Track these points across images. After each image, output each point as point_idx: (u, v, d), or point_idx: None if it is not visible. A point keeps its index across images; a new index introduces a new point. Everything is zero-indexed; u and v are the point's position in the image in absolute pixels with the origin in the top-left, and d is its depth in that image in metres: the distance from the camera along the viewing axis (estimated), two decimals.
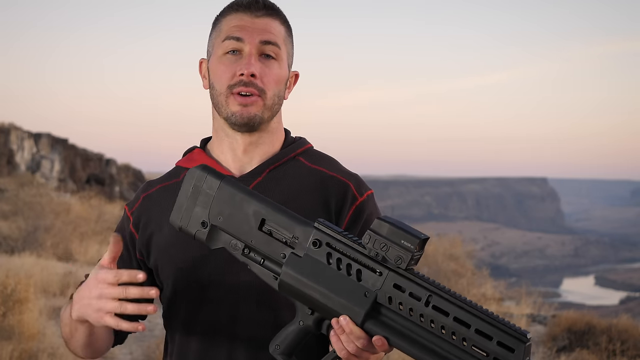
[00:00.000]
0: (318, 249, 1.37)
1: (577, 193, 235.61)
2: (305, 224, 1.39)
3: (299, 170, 1.65)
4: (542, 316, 10.50)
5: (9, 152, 26.21)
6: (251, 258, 1.43)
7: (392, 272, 1.33)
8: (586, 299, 61.84)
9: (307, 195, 1.61)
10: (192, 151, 1.72)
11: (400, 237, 1.31)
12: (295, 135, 1.75)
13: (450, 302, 1.29)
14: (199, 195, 1.45)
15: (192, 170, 1.46)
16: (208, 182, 1.44)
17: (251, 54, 1.59)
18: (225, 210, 1.43)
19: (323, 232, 1.38)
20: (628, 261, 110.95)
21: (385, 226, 1.32)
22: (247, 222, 1.41)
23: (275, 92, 1.62)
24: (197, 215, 1.45)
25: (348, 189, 1.64)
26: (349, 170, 1.70)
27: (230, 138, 1.65)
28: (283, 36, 1.64)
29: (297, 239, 1.39)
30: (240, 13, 1.62)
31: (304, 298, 1.37)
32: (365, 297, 1.33)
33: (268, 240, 1.41)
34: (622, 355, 8.29)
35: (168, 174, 1.72)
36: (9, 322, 7.00)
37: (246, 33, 1.60)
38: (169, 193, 1.66)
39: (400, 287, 1.32)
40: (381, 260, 1.33)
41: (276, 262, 1.41)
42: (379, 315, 1.33)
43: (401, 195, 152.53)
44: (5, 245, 13.86)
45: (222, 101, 1.61)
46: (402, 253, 1.30)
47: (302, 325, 1.40)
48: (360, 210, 1.63)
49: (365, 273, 1.34)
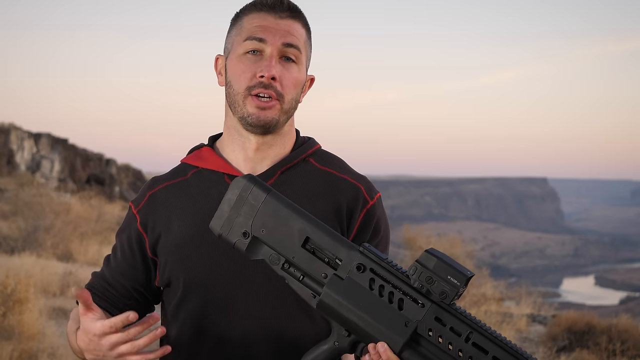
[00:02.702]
0: (362, 273, 1.37)
1: (577, 193, 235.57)
2: (350, 247, 1.39)
3: (310, 172, 1.65)
4: (542, 316, 10.51)
5: (9, 152, 26.21)
6: (290, 273, 1.43)
7: (434, 305, 1.34)
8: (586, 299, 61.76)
9: (320, 198, 1.61)
10: (200, 149, 1.70)
11: (447, 273, 1.32)
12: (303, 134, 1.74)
13: (490, 340, 1.31)
14: (243, 205, 1.44)
15: (239, 180, 1.45)
16: (254, 193, 1.44)
17: (272, 55, 1.57)
18: (269, 224, 1.42)
19: (368, 257, 1.38)
20: (628, 261, 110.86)
21: (433, 260, 1.33)
22: (291, 238, 1.41)
23: (293, 96, 1.61)
24: (239, 224, 1.44)
25: (359, 192, 1.64)
26: (357, 172, 1.70)
27: (243, 138, 1.63)
28: (304, 39, 1.62)
29: (340, 260, 1.39)
30: (264, 13, 1.60)
31: (343, 320, 1.38)
32: (405, 327, 1.34)
33: (310, 259, 1.41)
34: (622, 355, 8.28)
35: (174, 171, 1.70)
36: (9, 322, 7.00)
37: (269, 34, 1.57)
38: (175, 191, 1.65)
39: (442, 320, 1.33)
40: (425, 292, 1.34)
41: (316, 281, 1.41)
42: (417, 346, 1.34)
43: (401, 195, 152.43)
44: (5, 245, 13.85)
45: (239, 101, 1.59)
46: (447, 288, 1.32)
47: (337, 346, 1.41)
48: (371, 213, 1.64)
49: (407, 303, 1.35)
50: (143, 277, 1.67)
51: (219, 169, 1.64)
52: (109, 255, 1.73)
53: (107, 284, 1.69)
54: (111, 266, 1.70)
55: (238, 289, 1.57)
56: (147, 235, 1.65)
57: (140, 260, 1.66)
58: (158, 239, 1.63)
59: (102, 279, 1.70)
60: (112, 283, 1.68)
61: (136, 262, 1.66)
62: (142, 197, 1.68)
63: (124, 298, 1.67)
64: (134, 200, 1.69)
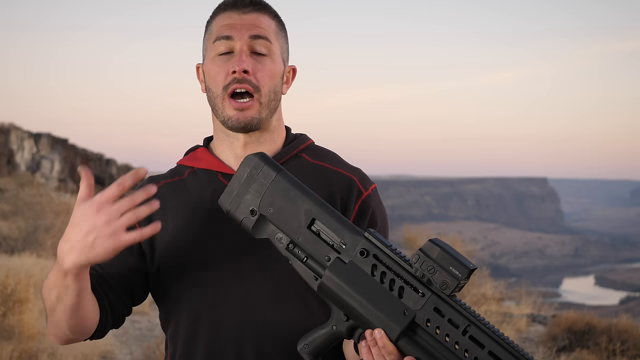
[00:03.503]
0: (364, 258, 1.38)
1: (577, 193, 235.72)
2: (355, 232, 1.40)
3: (303, 167, 1.65)
4: (542, 316, 10.51)
5: (9, 152, 26.23)
6: (294, 254, 1.43)
7: (434, 296, 1.33)
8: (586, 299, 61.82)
9: (313, 191, 1.60)
10: (196, 150, 1.72)
11: (450, 264, 1.31)
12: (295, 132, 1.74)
13: (488, 335, 1.30)
14: (253, 183, 1.44)
15: (250, 157, 1.45)
16: (264, 171, 1.44)
17: (242, 50, 1.58)
18: (277, 203, 1.42)
19: (372, 243, 1.38)
20: (628, 261, 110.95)
21: (436, 249, 1.33)
22: (297, 218, 1.41)
23: (270, 87, 1.61)
24: (248, 202, 1.44)
25: (353, 183, 1.64)
26: (351, 164, 1.70)
27: (231, 138, 1.65)
28: (274, 30, 1.63)
29: (344, 244, 1.39)
30: (228, 12, 1.62)
31: (342, 304, 1.38)
32: (404, 315, 1.34)
33: (315, 240, 1.41)
34: (622, 355, 8.29)
35: (171, 171, 1.71)
36: (9, 322, 7.00)
37: (235, 30, 1.59)
38: (171, 189, 1.65)
39: (441, 311, 1.33)
40: (426, 282, 1.34)
41: (319, 263, 1.41)
42: (414, 335, 1.34)
43: (401, 195, 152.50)
44: (5, 245, 13.86)
45: (218, 104, 1.61)
46: (448, 279, 1.31)
47: (335, 330, 1.41)
48: (366, 204, 1.63)
49: (408, 291, 1.35)
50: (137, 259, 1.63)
51: (212, 168, 1.65)
52: None
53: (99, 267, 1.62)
54: None
55: (234, 286, 1.58)
56: None
57: (136, 253, 1.62)
58: (154, 235, 1.62)
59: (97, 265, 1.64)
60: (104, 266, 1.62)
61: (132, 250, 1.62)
62: None
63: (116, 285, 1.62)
64: None
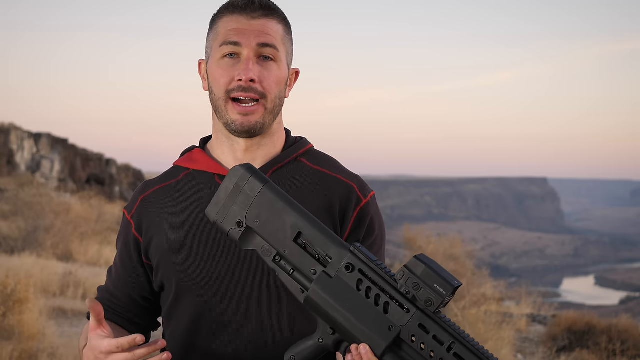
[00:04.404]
0: (350, 273, 1.38)
1: (577, 193, 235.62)
2: (341, 246, 1.40)
3: (301, 171, 1.64)
4: (542, 316, 10.51)
5: (9, 152, 26.22)
6: (281, 266, 1.43)
7: (419, 312, 1.34)
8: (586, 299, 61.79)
9: (311, 197, 1.60)
10: (192, 151, 1.70)
11: (434, 281, 1.32)
12: (295, 134, 1.73)
13: (472, 352, 1.31)
14: (239, 195, 1.44)
15: (236, 169, 1.45)
16: (250, 183, 1.44)
17: (249, 58, 1.57)
18: (263, 215, 1.43)
19: (357, 258, 1.39)
20: (628, 261, 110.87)
21: (420, 267, 1.33)
22: (284, 231, 1.42)
23: (276, 94, 1.60)
24: (234, 213, 1.44)
25: (352, 190, 1.63)
26: (350, 171, 1.69)
27: (231, 140, 1.64)
28: (281, 36, 1.61)
29: (330, 258, 1.40)
30: (237, 15, 1.59)
31: (328, 318, 1.39)
32: (389, 331, 1.34)
33: (301, 254, 1.41)
34: (622, 355, 8.29)
35: (165, 174, 1.70)
36: (9, 322, 7.00)
37: (243, 37, 1.57)
38: (166, 194, 1.65)
39: (425, 328, 1.34)
40: (411, 298, 1.34)
41: (305, 276, 1.41)
42: (399, 351, 1.35)
43: (401, 195, 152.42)
44: (5, 245, 13.86)
45: (221, 106, 1.60)
46: (433, 296, 1.32)
47: (321, 343, 1.42)
48: (365, 212, 1.63)
49: (393, 307, 1.35)
50: (146, 282, 1.67)
51: (210, 170, 1.64)
52: (111, 267, 1.73)
53: (111, 297, 1.69)
54: (113, 277, 1.70)
55: (231, 290, 1.58)
56: (142, 238, 1.65)
57: (140, 266, 1.66)
58: (150, 242, 1.63)
59: (107, 292, 1.70)
60: (116, 294, 1.68)
61: (137, 268, 1.66)
62: (134, 202, 1.68)
63: (130, 307, 1.67)
64: (126, 207, 1.69)
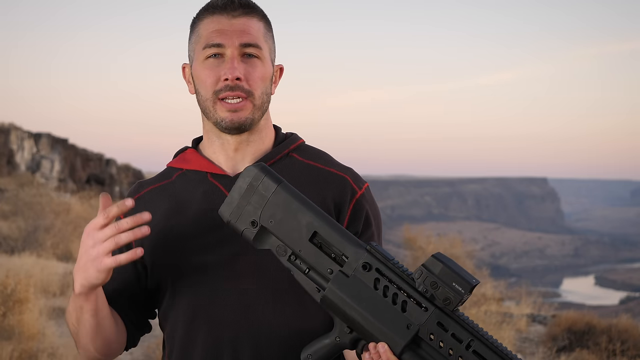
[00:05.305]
0: (367, 272, 1.38)
1: (577, 193, 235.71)
2: (357, 245, 1.40)
3: (294, 166, 1.65)
4: (542, 316, 10.51)
5: (9, 152, 26.23)
6: (296, 265, 1.43)
7: (437, 310, 1.34)
8: (586, 299, 61.83)
9: (306, 191, 1.59)
10: (185, 151, 1.71)
11: (452, 279, 1.32)
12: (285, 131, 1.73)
13: (491, 349, 1.31)
14: (253, 195, 1.44)
15: (250, 169, 1.46)
16: (265, 183, 1.44)
17: (233, 57, 1.58)
18: (278, 215, 1.43)
19: (374, 257, 1.39)
20: (628, 261, 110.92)
21: (439, 265, 1.34)
22: (299, 231, 1.42)
23: (262, 90, 1.61)
24: (248, 213, 1.44)
25: (346, 183, 1.64)
26: (342, 164, 1.69)
27: (221, 139, 1.64)
28: (263, 33, 1.62)
29: (346, 257, 1.40)
30: (217, 15, 1.59)
31: (346, 317, 1.39)
32: (407, 329, 1.35)
33: (317, 253, 1.41)
34: (622, 355, 8.28)
35: (159, 175, 1.71)
36: (9, 322, 7.00)
37: (226, 37, 1.58)
38: (160, 193, 1.66)
39: (444, 326, 1.34)
40: (429, 297, 1.35)
41: (322, 276, 1.41)
42: (418, 349, 1.35)
43: (401, 195, 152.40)
44: (5, 245, 13.86)
45: (209, 107, 1.60)
46: (451, 295, 1.32)
47: (338, 342, 1.42)
48: (361, 203, 1.63)
49: (411, 305, 1.36)
50: (140, 282, 1.65)
51: (202, 169, 1.65)
52: None
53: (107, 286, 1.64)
54: None
55: (230, 286, 1.57)
56: None
57: (133, 266, 1.64)
58: (143, 241, 1.61)
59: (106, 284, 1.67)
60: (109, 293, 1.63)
61: (130, 268, 1.63)
62: None
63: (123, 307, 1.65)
64: None
